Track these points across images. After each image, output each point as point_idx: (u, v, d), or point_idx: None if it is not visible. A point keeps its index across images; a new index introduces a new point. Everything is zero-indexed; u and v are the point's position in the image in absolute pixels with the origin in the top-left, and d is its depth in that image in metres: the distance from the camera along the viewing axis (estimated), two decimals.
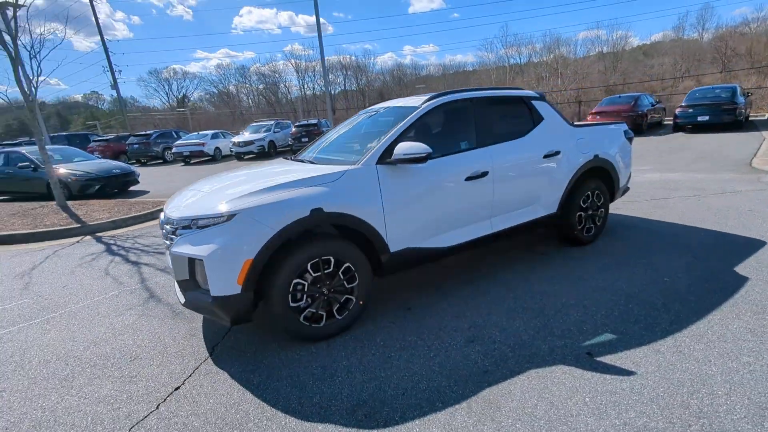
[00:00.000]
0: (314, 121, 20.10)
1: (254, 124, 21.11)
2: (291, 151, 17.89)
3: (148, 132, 21.85)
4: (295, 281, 2.53)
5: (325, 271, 2.62)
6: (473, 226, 3.34)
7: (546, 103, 3.89)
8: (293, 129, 19.30)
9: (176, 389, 2.29)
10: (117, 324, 3.15)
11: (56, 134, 23.53)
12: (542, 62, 39.67)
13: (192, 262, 2.49)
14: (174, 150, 19.37)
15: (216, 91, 57.04)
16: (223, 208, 2.46)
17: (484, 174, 3.26)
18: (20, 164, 9.82)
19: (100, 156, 15.74)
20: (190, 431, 1.96)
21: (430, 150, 2.78)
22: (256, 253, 2.38)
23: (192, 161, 19.20)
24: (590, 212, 4.04)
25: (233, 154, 18.99)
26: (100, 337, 2.95)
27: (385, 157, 2.86)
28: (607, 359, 2.23)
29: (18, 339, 3.02)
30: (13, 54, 6.69)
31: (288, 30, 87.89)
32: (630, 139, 4.44)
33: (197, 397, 2.22)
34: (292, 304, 2.55)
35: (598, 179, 4.08)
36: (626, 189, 4.55)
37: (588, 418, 1.83)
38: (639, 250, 3.81)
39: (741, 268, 3.18)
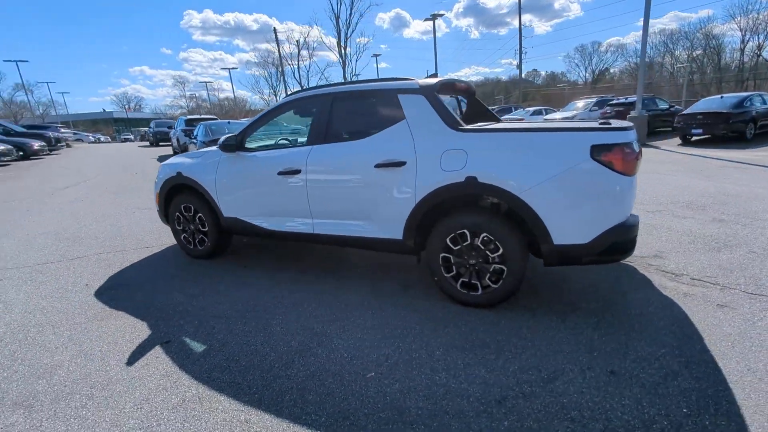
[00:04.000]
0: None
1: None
2: None
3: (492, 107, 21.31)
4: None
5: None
6: (297, 221, 3.46)
7: (421, 98, 2.87)
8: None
9: None
10: None
11: None
12: None
13: None
14: None
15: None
16: None
17: (297, 172, 3.30)
18: None
19: None
20: None
21: (222, 141, 3.70)
22: None
23: None
24: (472, 262, 2.74)
25: None
26: None
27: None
28: None
29: None
30: None
31: None
32: (609, 163, 2.37)
33: None
34: None
35: (486, 216, 2.69)
36: (608, 253, 2.53)
37: None
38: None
39: None
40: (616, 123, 2.75)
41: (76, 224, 5.83)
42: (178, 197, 4.13)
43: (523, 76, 41.98)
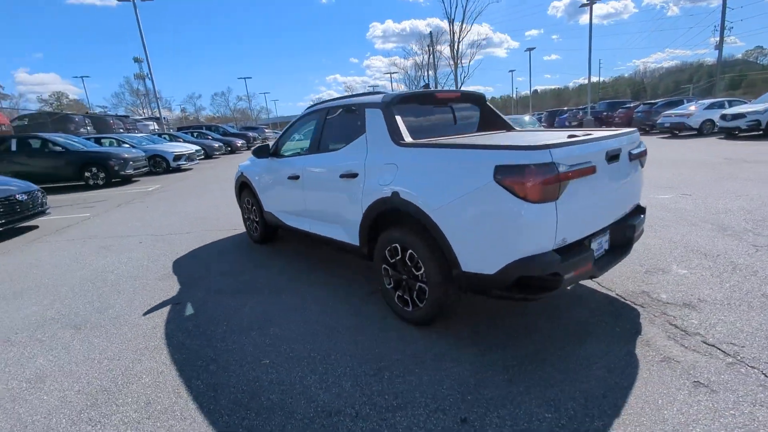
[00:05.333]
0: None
1: None
2: None
3: (655, 101, 20.12)
4: None
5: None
6: (302, 220, 3.95)
7: (378, 112, 2.95)
8: None
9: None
10: None
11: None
12: None
13: None
14: (659, 121, 16.90)
15: None
16: None
17: (297, 177, 3.84)
18: None
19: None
20: None
21: (255, 148, 4.58)
22: None
23: (680, 134, 16.44)
24: (404, 277, 2.73)
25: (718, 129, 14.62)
26: None
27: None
28: None
29: None
30: None
31: None
32: (510, 187, 2.06)
33: None
34: None
35: (412, 232, 2.61)
36: (517, 289, 2.24)
37: None
38: None
39: None
40: (547, 137, 2.37)
41: (211, 209, 7.68)
42: (244, 192, 5.15)
43: (741, 55, 32.18)
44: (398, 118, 2.93)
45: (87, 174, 11.83)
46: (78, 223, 7.18)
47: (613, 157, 2.45)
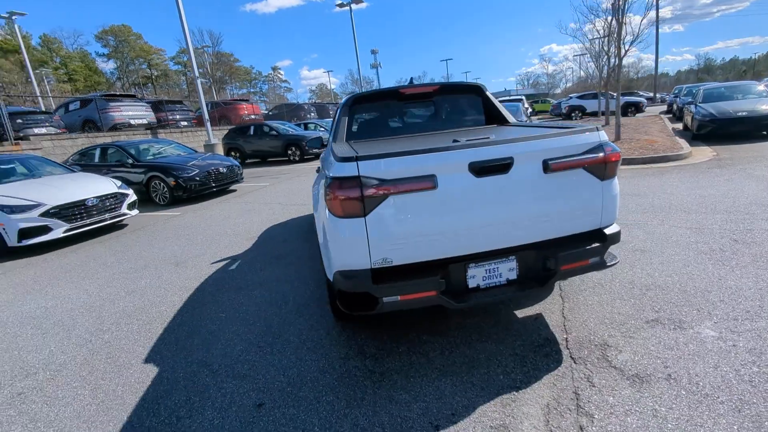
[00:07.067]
0: None
1: None
2: None
3: None
4: None
5: None
6: None
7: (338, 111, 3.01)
8: None
9: None
10: None
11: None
12: None
13: None
14: None
15: None
16: None
17: None
18: None
19: None
20: None
21: None
22: None
23: None
24: None
25: None
26: None
27: None
28: None
29: None
30: None
31: None
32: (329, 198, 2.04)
33: None
34: None
35: None
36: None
37: None
38: None
39: None
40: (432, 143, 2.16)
41: None
42: None
43: None
44: (345, 120, 3.09)
45: (289, 152, 15.37)
46: (256, 191, 9.72)
47: (488, 169, 2.01)
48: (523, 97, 22.43)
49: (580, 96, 24.69)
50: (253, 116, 20.84)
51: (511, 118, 3.27)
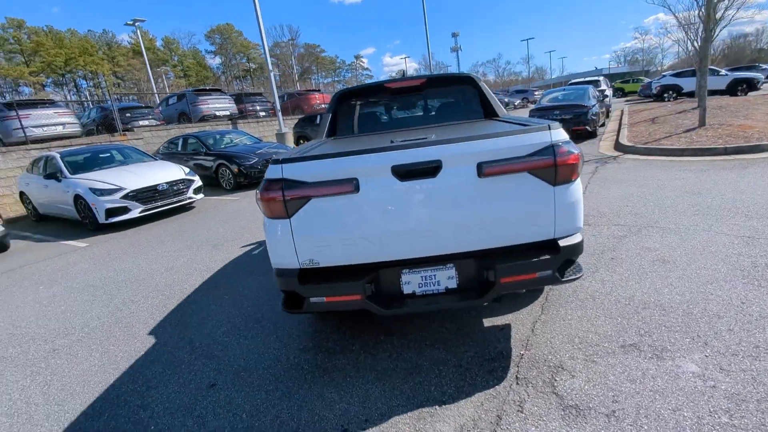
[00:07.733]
0: None
1: None
2: None
3: None
4: None
5: None
6: None
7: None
8: None
9: None
10: None
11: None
12: None
13: None
14: None
15: None
16: None
17: None
18: None
19: None
20: None
21: None
22: None
23: None
24: None
25: None
26: None
27: None
28: None
29: None
30: None
31: None
32: None
33: None
34: None
35: None
36: None
37: None
38: None
39: None
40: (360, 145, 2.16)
41: None
42: None
43: None
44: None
45: None
46: None
47: (413, 172, 1.90)
48: (601, 78, 19.00)
49: (676, 74, 20.26)
50: (323, 105, 21.68)
51: (502, 112, 2.99)
